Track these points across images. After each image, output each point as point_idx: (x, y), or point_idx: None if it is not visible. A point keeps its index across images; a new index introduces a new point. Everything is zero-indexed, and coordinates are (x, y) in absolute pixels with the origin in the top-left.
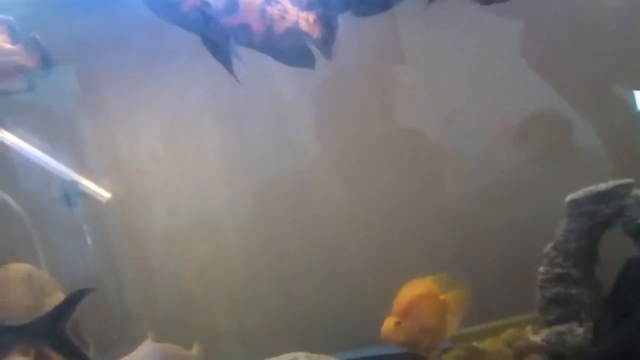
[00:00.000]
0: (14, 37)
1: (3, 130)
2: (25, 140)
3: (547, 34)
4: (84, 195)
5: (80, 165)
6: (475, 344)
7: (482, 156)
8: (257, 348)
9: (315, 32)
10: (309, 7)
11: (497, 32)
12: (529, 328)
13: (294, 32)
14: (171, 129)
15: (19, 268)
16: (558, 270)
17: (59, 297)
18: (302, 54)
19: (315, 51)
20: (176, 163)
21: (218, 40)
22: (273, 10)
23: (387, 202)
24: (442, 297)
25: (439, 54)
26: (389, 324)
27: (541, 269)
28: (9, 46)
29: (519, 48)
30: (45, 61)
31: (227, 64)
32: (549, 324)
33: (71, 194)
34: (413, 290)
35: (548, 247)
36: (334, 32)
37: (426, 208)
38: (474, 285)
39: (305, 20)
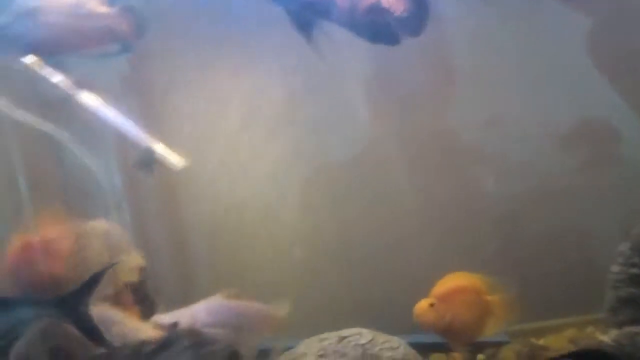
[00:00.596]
0: (111, 1)
1: (86, 93)
2: (106, 104)
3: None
4: (159, 162)
5: (158, 133)
6: (534, 340)
7: (525, 160)
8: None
9: (399, 9)
10: None
11: (551, 34)
12: (591, 328)
13: (376, 8)
14: (250, 106)
15: (98, 225)
16: (634, 270)
17: (134, 255)
18: (384, 31)
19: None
20: (249, 141)
21: (301, 14)
22: None
23: (429, 199)
24: (487, 297)
25: (488, 53)
26: (422, 304)
27: (615, 268)
28: (103, 9)
29: (585, 47)
30: (140, 27)
31: (308, 38)
32: (620, 324)
33: (147, 160)
34: (457, 279)
35: (623, 246)
36: (424, 8)
37: (468, 208)
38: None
39: None
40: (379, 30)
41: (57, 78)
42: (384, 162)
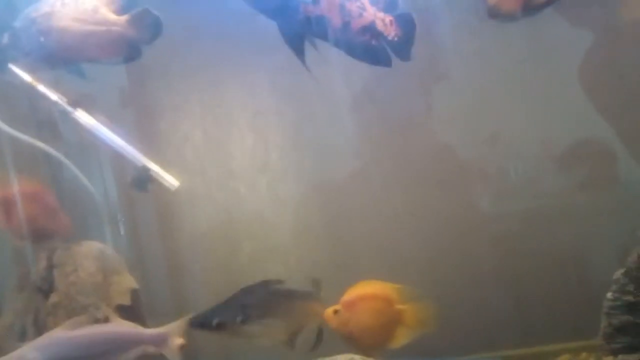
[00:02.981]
0: (123, 8)
1: (80, 111)
2: (102, 123)
3: (604, 61)
4: (154, 181)
5: (154, 153)
6: None
7: (523, 179)
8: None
9: (391, 34)
10: (386, 9)
11: (552, 54)
12: (584, 355)
13: (370, 30)
14: (243, 125)
15: (92, 245)
16: (629, 298)
17: (126, 277)
18: (377, 53)
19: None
20: (246, 159)
21: (294, 30)
22: (352, 7)
23: (427, 215)
24: (398, 306)
25: (490, 71)
26: (328, 311)
27: (609, 295)
28: (112, 16)
29: (577, 72)
30: (153, 32)
31: (299, 54)
32: (615, 352)
33: (142, 179)
34: (367, 288)
35: (618, 273)
36: (411, 34)
37: (466, 225)
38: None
39: (381, 20)
40: (373, 51)
41: (54, 94)
42: (382, 179)
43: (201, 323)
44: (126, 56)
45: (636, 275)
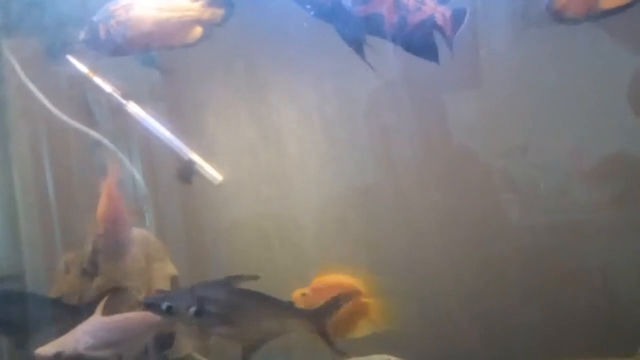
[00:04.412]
0: None
1: (131, 102)
2: (151, 114)
3: None
4: (199, 174)
5: (200, 146)
6: None
7: (554, 191)
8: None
9: (449, 29)
10: (444, 2)
11: (588, 62)
12: None
13: (429, 24)
14: (287, 125)
15: (137, 232)
16: None
17: (168, 265)
18: (430, 47)
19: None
20: (286, 159)
21: (350, 29)
22: (409, 1)
23: (452, 223)
24: (363, 298)
25: (523, 79)
26: (296, 292)
27: None
28: (185, 2)
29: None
30: (226, 14)
31: (360, 52)
32: None
33: (187, 172)
34: (338, 278)
35: None
36: (458, 30)
37: (492, 235)
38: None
39: (441, 14)
40: (428, 45)
41: (106, 87)
42: (413, 185)
43: (151, 304)
44: (200, 39)
45: None
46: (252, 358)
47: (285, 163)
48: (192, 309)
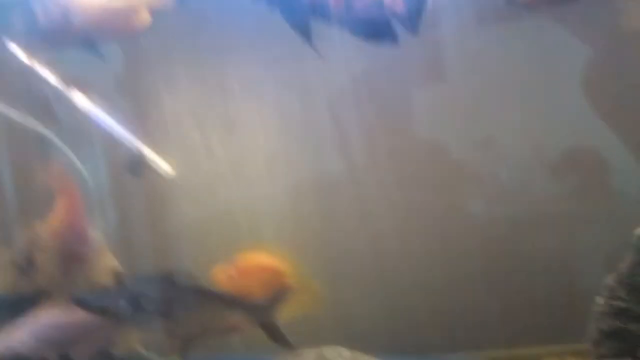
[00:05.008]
0: None
1: (76, 91)
2: (97, 104)
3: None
4: (149, 167)
5: (149, 139)
6: None
7: (515, 184)
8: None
9: (399, 7)
10: None
11: (550, 59)
12: (569, 359)
13: (376, 5)
14: (242, 115)
15: None
16: (619, 303)
17: (109, 258)
18: (384, 29)
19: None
20: (241, 150)
21: (295, 14)
22: None
23: (415, 215)
24: (287, 280)
25: (486, 74)
26: (218, 269)
27: (599, 300)
28: None
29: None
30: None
31: (307, 37)
32: (601, 357)
33: (136, 165)
34: (263, 258)
35: (609, 279)
36: (421, 7)
37: (454, 226)
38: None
39: None
40: (379, 28)
41: (49, 75)
42: (374, 176)
43: (81, 301)
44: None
45: (627, 281)
46: (190, 351)
47: (239, 154)
48: (124, 305)
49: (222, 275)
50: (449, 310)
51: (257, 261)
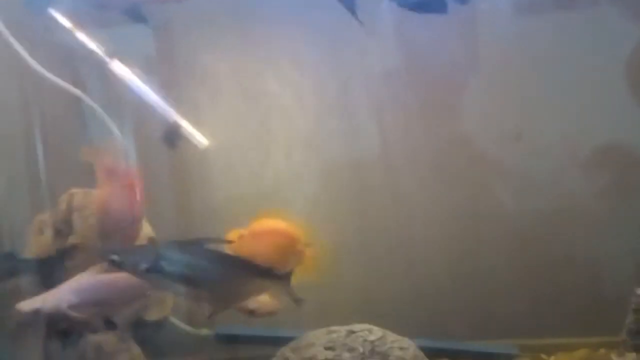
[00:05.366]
0: None
1: (116, 62)
2: (137, 75)
3: None
4: (184, 138)
5: (186, 110)
6: (544, 356)
7: (544, 178)
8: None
9: None
10: None
11: (588, 51)
12: (603, 351)
13: None
14: (278, 97)
15: None
16: None
17: (144, 225)
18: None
19: None
20: (277, 123)
21: None
22: None
23: (443, 207)
24: (300, 246)
25: (518, 64)
26: (234, 232)
27: (638, 291)
28: None
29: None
30: None
31: (351, 9)
32: (638, 349)
33: (172, 135)
34: (277, 224)
35: None
36: None
37: (480, 219)
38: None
39: None
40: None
41: (90, 44)
42: (401, 165)
43: (103, 255)
44: None
45: None
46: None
47: (273, 128)
48: (144, 265)
49: (234, 236)
50: (477, 297)
51: (271, 225)
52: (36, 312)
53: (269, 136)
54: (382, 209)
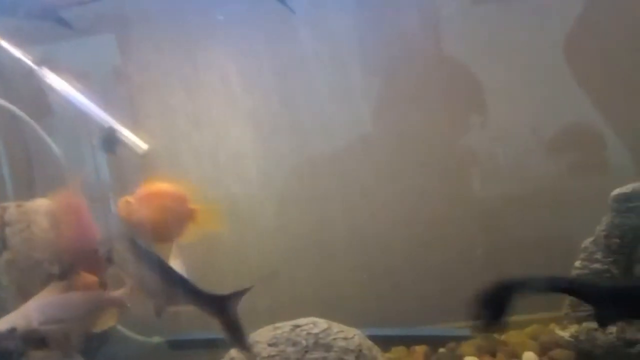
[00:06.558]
0: None
1: (48, 71)
2: (70, 83)
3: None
4: (122, 143)
5: (123, 115)
6: (495, 335)
7: (511, 162)
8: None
9: None
10: None
11: (543, 31)
12: (553, 325)
13: None
14: (217, 93)
15: (44, 202)
16: (596, 265)
17: None
18: None
19: None
20: (217, 129)
21: None
22: None
23: (413, 194)
24: (189, 205)
25: (476, 53)
26: (122, 200)
27: (577, 263)
28: None
29: (563, 51)
30: None
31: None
32: (579, 320)
33: (110, 141)
34: (162, 186)
35: (587, 242)
36: None
37: (452, 205)
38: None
39: None
40: None
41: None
42: (368, 158)
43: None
44: None
45: (604, 242)
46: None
47: (213, 130)
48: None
49: (122, 204)
50: (445, 284)
51: (156, 188)
52: (10, 332)
53: (214, 140)
54: (338, 199)
